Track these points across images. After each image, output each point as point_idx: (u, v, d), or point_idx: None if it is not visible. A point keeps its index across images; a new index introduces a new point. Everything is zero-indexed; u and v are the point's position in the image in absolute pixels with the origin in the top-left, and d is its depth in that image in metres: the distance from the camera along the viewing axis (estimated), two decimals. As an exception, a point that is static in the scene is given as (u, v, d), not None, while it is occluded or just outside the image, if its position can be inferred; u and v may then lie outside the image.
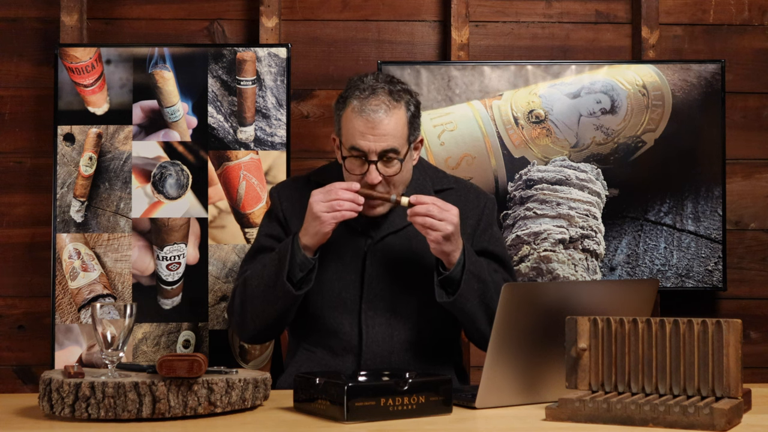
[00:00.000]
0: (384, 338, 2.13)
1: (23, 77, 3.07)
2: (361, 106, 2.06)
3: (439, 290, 2.07)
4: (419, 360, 2.16)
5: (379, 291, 2.14)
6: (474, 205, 2.23)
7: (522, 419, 1.65)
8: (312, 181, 2.22)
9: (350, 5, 3.14)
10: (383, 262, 2.15)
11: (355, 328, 2.14)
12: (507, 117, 3.00)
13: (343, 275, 2.15)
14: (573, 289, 1.84)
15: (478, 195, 2.26)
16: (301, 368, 2.15)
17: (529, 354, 1.76)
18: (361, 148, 2.06)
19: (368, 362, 2.12)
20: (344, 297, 2.14)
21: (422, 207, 2.01)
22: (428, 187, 2.22)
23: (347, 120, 2.09)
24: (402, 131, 2.08)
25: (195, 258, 2.87)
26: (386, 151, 2.06)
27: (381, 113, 2.05)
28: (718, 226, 2.99)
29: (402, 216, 2.16)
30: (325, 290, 2.15)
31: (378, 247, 2.16)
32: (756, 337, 3.16)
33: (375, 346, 2.12)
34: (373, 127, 2.05)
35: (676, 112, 3.01)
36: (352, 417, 1.57)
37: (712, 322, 1.58)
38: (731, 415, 1.54)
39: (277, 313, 2.10)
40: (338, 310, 2.15)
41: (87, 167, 2.87)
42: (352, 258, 2.15)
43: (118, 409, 1.57)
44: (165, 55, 2.90)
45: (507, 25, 3.16)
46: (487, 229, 2.23)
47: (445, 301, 2.06)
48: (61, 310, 2.83)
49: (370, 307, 2.14)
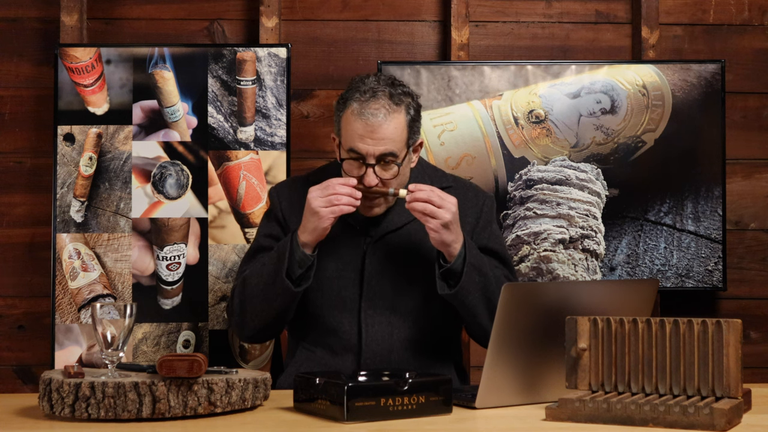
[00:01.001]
0: (383, 337, 2.13)
1: (23, 77, 3.07)
2: (361, 108, 2.06)
3: (440, 282, 2.06)
4: (419, 359, 2.16)
5: (378, 289, 2.14)
6: (473, 203, 2.23)
7: (522, 419, 1.65)
8: (311, 181, 2.22)
9: (350, 5, 3.14)
10: (383, 260, 2.15)
11: (354, 326, 2.14)
12: (507, 117, 3.00)
13: (342, 274, 2.15)
14: (573, 289, 1.84)
15: (477, 193, 2.27)
16: (301, 368, 2.15)
17: (529, 354, 1.76)
18: (359, 150, 2.06)
19: (368, 361, 2.12)
20: (344, 295, 2.14)
21: (422, 193, 2.01)
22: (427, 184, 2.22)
23: (347, 122, 2.09)
24: (401, 135, 2.07)
25: (195, 258, 2.87)
26: (384, 155, 2.05)
27: (380, 117, 2.05)
28: (718, 226, 2.99)
29: (401, 215, 2.16)
30: (325, 289, 2.15)
31: (377, 245, 2.16)
32: (756, 337, 3.16)
33: (374, 344, 2.12)
34: (372, 131, 2.04)
35: (676, 112, 3.01)
36: (352, 417, 1.57)
37: (712, 322, 1.58)
38: (731, 415, 1.54)
39: (277, 311, 2.10)
40: (338, 309, 2.15)
41: (87, 167, 2.87)
42: (351, 257, 2.15)
43: (118, 409, 1.57)
44: (165, 55, 2.90)
45: (507, 25, 3.16)
46: (487, 227, 2.23)
47: (446, 294, 2.06)
48: (61, 310, 2.83)
49: (369, 305, 2.14)
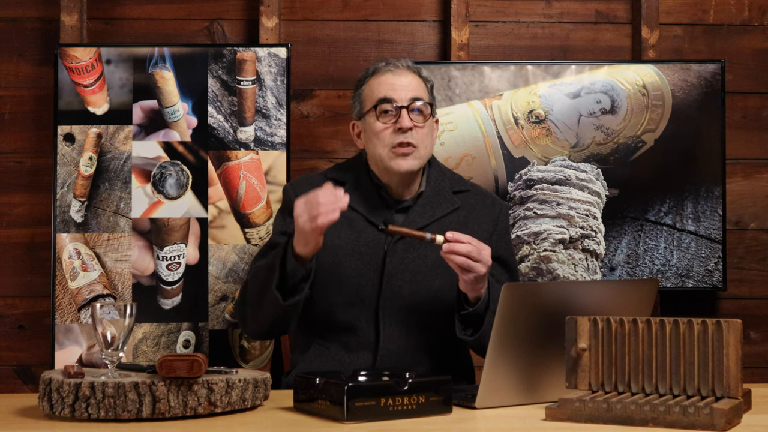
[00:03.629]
0: (400, 335, 2.13)
1: (23, 77, 3.07)
2: (387, 66, 2.19)
3: (459, 325, 2.06)
4: (434, 359, 2.16)
5: (397, 289, 2.14)
6: (489, 210, 2.26)
7: (522, 419, 1.65)
8: (328, 177, 2.21)
9: (350, 5, 3.14)
10: (403, 260, 2.15)
11: (372, 324, 2.14)
12: (507, 117, 3.00)
13: (362, 272, 2.15)
14: (573, 289, 1.84)
15: (494, 200, 2.30)
16: (314, 363, 2.15)
17: (529, 354, 1.76)
18: (390, 97, 2.15)
19: (384, 359, 2.11)
20: (362, 294, 2.14)
21: (462, 247, 1.95)
22: (446, 187, 2.24)
23: (372, 85, 2.19)
24: (425, 90, 2.20)
25: (195, 258, 2.87)
26: (415, 98, 2.15)
27: (405, 69, 2.19)
28: (718, 226, 2.99)
29: (423, 215, 2.18)
30: (344, 287, 2.14)
31: (398, 245, 2.16)
32: (756, 337, 3.16)
33: (391, 343, 2.12)
34: (400, 77, 2.17)
35: (676, 112, 3.01)
36: (352, 417, 1.57)
37: (712, 322, 1.58)
38: (731, 415, 1.54)
39: (272, 319, 2.09)
40: (356, 306, 2.14)
41: (87, 167, 2.87)
42: (372, 256, 2.15)
43: (118, 409, 1.57)
44: (165, 55, 2.90)
45: (507, 25, 3.16)
46: (504, 236, 2.27)
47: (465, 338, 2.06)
48: (61, 310, 2.83)
49: (388, 304, 2.14)
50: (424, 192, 2.21)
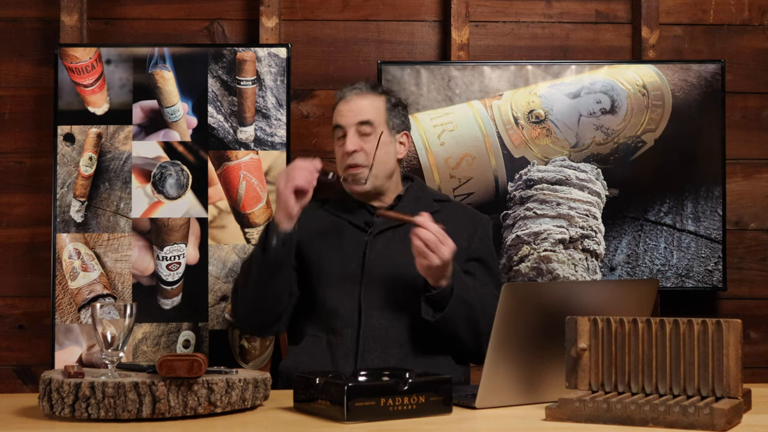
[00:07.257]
0: (381, 312, 2.24)
1: (23, 77, 3.07)
2: (342, 93, 2.38)
3: (425, 306, 2.18)
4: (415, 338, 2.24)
5: (378, 275, 2.27)
6: (470, 219, 2.39)
7: (522, 419, 1.65)
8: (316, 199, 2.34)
9: (350, 5, 3.14)
10: (382, 251, 2.30)
11: (355, 304, 2.25)
12: (507, 117, 3.00)
13: (345, 264, 2.29)
14: (573, 289, 1.84)
15: (475, 213, 2.44)
16: (305, 350, 2.26)
17: (529, 354, 1.76)
18: (339, 123, 2.34)
19: (366, 334, 2.21)
20: (345, 280, 2.28)
21: (424, 233, 2.10)
22: (428, 198, 2.40)
23: (335, 111, 2.37)
24: (377, 111, 2.34)
25: (195, 258, 2.87)
26: (361, 123, 2.31)
27: (356, 94, 2.36)
28: (718, 226, 2.99)
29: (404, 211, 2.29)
30: (330, 281, 2.29)
31: (378, 238, 2.31)
32: (756, 337, 3.16)
33: (373, 319, 2.23)
34: (348, 104, 2.34)
35: (676, 112, 3.01)
36: (352, 417, 1.57)
37: (712, 322, 1.58)
38: (731, 415, 1.54)
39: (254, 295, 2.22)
40: (339, 290, 2.28)
41: (87, 167, 2.87)
42: (353, 249, 2.31)
43: (118, 409, 1.57)
44: (165, 55, 2.90)
45: (507, 25, 3.16)
46: (484, 240, 2.38)
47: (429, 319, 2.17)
48: (61, 310, 2.83)
49: (369, 286, 2.26)
50: (404, 196, 2.37)
